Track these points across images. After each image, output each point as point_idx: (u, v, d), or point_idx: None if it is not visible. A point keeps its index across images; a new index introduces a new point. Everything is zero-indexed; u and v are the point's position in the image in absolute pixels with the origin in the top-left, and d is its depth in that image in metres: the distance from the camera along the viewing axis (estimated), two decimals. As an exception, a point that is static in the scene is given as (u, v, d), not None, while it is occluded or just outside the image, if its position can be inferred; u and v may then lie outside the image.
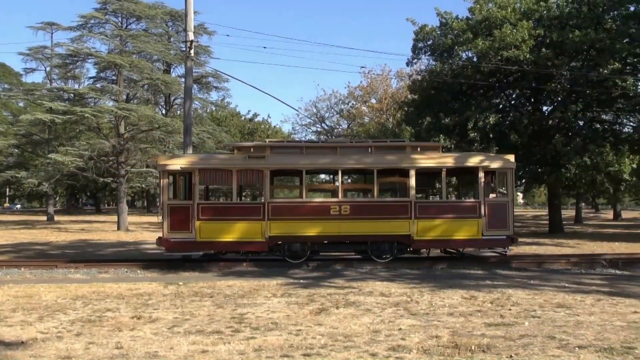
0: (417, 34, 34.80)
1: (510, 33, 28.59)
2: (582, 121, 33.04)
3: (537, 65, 28.70)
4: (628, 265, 17.18)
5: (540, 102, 33.51)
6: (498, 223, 17.70)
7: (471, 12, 32.75)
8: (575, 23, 30.12)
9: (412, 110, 34.60)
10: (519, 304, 10.72)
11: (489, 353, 7.23)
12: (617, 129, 34.20)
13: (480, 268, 16.57)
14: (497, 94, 34.48)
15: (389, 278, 14.53)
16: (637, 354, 7.17)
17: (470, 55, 32.37)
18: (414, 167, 17.56)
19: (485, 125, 29.68)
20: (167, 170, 17.27)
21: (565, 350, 7.35)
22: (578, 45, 28.73)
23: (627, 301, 11.05)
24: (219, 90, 49.60)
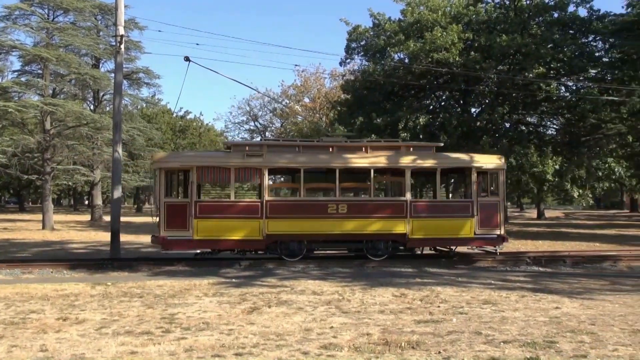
0: (351, 35, 35.10)
1: (441, 36, 29.18)
2: (509, 123, 34.06)
3: (466, 67, 29.38)
4: (550, 262, 17.81)
5: (468, 104, 34.32)
6: (489, 222, 18.09)
7: (403, 14, 33.24)
8: (502, 28, 31.01)
9: (345, 110, 34.88)
10: (447, 301, 10.96)
11: (419, 349, 7.37)
12: (541, 131, 35.44)
13: (411, 266, 16.85)
14: (428, 95, 35.14)
15: (321, 277, 14.61)
16: (559, 347, 7.45)
17: (402, 56, 32.86)
18: (409, 167, 17.88)
19: (416, 125, 30.19)
20: (164, 167, 17.11)
21: (491, 346, 7.57)
22: (505, 49, 29.57)
23: (549, 297, 11.46)
24: (150, 87, 48.62)
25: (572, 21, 32.40)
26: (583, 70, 31.50)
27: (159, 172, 17.08)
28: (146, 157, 47.93)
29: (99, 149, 39.19)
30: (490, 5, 32.90)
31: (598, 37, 33.16)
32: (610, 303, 10.88)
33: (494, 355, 7.10)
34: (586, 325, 8.79)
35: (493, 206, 18.26)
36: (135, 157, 48.88)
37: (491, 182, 18.71)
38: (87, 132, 37.66)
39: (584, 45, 32.32)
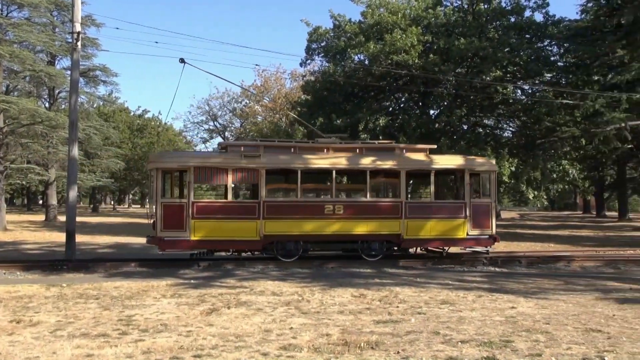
0: (311, 35, 35.16)
1: (400, 38, 29.44)
2: (466, 125, 34.54)
3: (425, 70, 29.70)
4: (506, 263, 18.10)
5: (427, 106, 34.71)
6: (482, 223, 18.40)
7: (363, 16, 33.44)
8: (460, 31, 31.43)
9: (305, 110, 34.89)
10: (406, 301, 11.04)
11: (378, 350, 7.41)
12: (498, 134, 36.04)
13: (370, 267, 16.93)
14: (387, 97, 35.43)
15: (281, 277, 14.58)
16: (514, 347, 7.58)
17: (362, 58, 33.06)
18: (404, 168, 18.06)
19: (376, 127, 30.41)
20: (161, 168, 17.00)
21: (448, 345, 7.65)
22: (463, 52, 29.98)
23: (505, 297, 11.64)
24: (107, 85, 47.94)
25: (529, 26, 33.07)
26: (538, 74, 32.14)
27: (155, 172, 16.88)
28: (103, 156, 47.19)
29: (54, 147, 38.37)
30: (449, 9, 33.32)
31: (553, 42, 33.91)
32: (564, 302, 11.11)
33: (452, 354, 7.18)
34: (541, 325, 8.96)
35: (485, 207, 18.60)
36: (92, 156, 48.01)
37: (483, 184, 19.03)
38: (42, 131, 36.83)
39: (540, 49, 32.98)
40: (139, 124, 72.85)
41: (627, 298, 11.73)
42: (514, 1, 33.45)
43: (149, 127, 72.86)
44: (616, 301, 11.31)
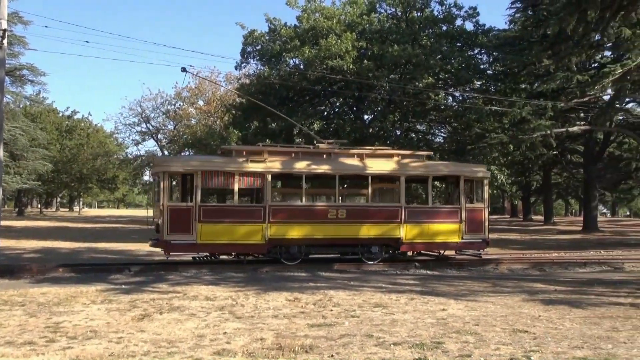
0: (247, 39, 35.02)
1: (335, 43, 29.66)
2: (399, 130, 35.07)
3: (360, 75, 30.01)
4: (437, 266, 18.42)
5: (361, 111, 35.09)
6: (475, 227, 18.96)
7: (299, 21, 33.54)
8: (394, 38, 31.92)
9: (240, 114, 34.71)
10: (339, 304, 11.10)
11: (312, 353, 7.42)
12: (430, 139, 36.75)
13: (304, 270, 16.94)
14: (322, 102, 35.63)
15: (214, 282, 14.43)
16: (445, 348, 7.73)
17: (297, 62, 33.14)
18: (404, 174, 18.49)
19: (311, 131, 30.49)
20: (168, 171, 16.94)
21: (382, 348, 7.73)
22: (397, 59, 30.45)
23: (436, 299, 11.85)
24: (35, 84, 46.34)
25: (460, 34, 33.91)
26: (469, 81, 32.97)
27: (162, 175, 16.82)
28: (29, 157, 45.64)
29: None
30: (383, 16, 33.78)
31: (483, 50, 34.88)
32: (492, 304, 11.39)
33: (385, 357, 7.26)
34: (471, 326, 9.16)
35: (478, 212, 19.21)
36: (18, 157, 46.36)
37: (476, 190, 19.59)
38: (-36, 131, 35.33)
39: (470, 57, 33.84)
40: (68, 125, 70.86)
41: (552, 299, 12.13)
42: (446, 10, 34.24)
43: (78, 129, 70.96)
44: (542, 302, 11.67)
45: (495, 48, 33.47)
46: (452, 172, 19.44)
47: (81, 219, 60.20)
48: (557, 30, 22.52)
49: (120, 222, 50.22)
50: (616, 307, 11.10)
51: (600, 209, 78.73)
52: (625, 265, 19.69)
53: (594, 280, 15.56)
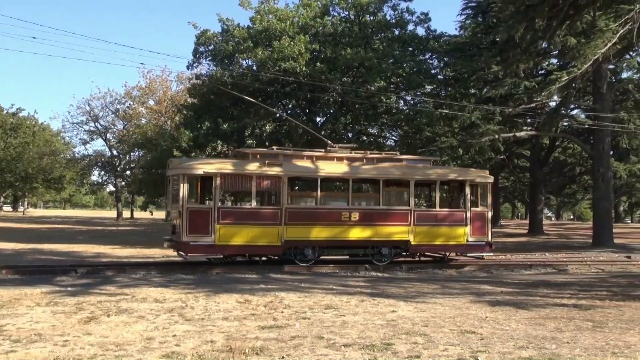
0: (199, 38, 34.70)
1: (289, 45, 29.66)
2: (351, 133, 35.27)
3: (312, 78, 30.08)
4: (388, 268, 18.61)
5: (314, 113, 35.16)
6: (479, 230, 19.72)
7: (252, 22, 33.40)
8: (347, 41, 32.10)
9: (192, 114, 34.38)
10: (290, 306, 11.10)
11: (262, 355, 7.41)
12: (382, 142, 37.07)
13: (255, 272, 16.90)
14: (275, 103, 35.55)
15: (164, 284, 14.26)
16: (395, 349, 7.81)
17: (250, 63, 33.01)
18: (413, 178, 19.15)
19: (262, 132, 30.45)
20: (187, 174, 17.33)
21: (332, 349, 7.77)
22: (349, 62, 30.62)
23: (386, 301, 11.97)
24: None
25: (412, 39, 34.29)
26: (420, 85, 33.37)
27: (182, 178, 17.17)
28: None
29: None
30: (336, 19, 33.91)
31: (434, 55, 35.36)
32: (441, 306, 11.57)
33: (335, 358, 7.29)
34: (420, 327, 9.28)
35: (482, 216, 19.97)
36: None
37: (480, 194, 20.22)
38: None
39: (422, 62, 34.26)
40: (13, 123, 68.91)
41: (498, 301, 12.38)
42: (398, 15, 34.57)
43: (23, 127, 69.08)
44: (489, 304, 11.91)
45: (446, 53, 33.97)
46: (458, 177, 20.17)
47: (26, 219, 58.69)
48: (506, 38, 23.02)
49: (67, 223, 49.17)
50: (560, 308, 11.41)
51: (546, 213, 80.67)
52: (569, 268, 20.26)
53: (539, 282, 15.95)
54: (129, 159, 64.41)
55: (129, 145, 59.82)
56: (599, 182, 30.08)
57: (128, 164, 64.15)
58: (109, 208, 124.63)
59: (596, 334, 9.00)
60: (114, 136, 63.99)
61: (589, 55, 17.09)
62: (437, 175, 19.79)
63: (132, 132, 59.50)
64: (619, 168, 36.07)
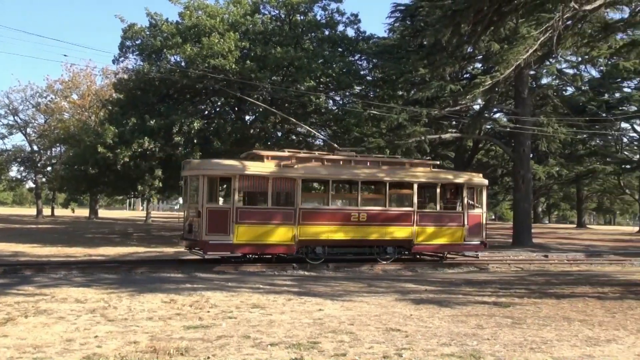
0: (126, 32, 33.84)
1: (218, 42, 29.31)
2: (281, 132, 35.22)
3: (242, 75, 29.85)
4: (315, 267, 18.69)
5: (243, 112, 34.90)
6: (475, 231, 21.14)
7: (181, 17, 32.86)
8: (277, 40, 32.02)
9: (117, 109, 33.52)
10: (217, 305, 11.01)
11: (188, 355, 7.32)
12: (311, 141, 37.16)
13: (181, 272, 16.68)
14: (204, 100, 35.11)
15: (85, 283, 13.88)
16: (321, 347, 7.86)
17: (178, 59, 32.46)
18: (417, 181, 20.40)
19: (190, 130, 29.98)
20: (208, 175, 18.03)
21: (258, 349, 7.75)
22: (279, 61, 30.55)
23: (313, 300, 12.03)
24: None
25: (341, 40, 34.50)
26: (349, 86, 33.62)
27: (203, 178, 17.83)
28: None
29: None
30: (266, 17, 33.75)
31: (363, 56, 35.69)
32: (367, 304, 11.72)
33: (261, 357, 7.28)
34: (346, 326, 9.37)
35: (477, 217, 21.37)
36: None
37: (476, 197, 21.61)
38: None
39: (351, 63, 34.51)
40: None
41: (422, 299, 12.64)
42: (329, 15, 34.71)
43: None
44: (413, 302, 12.15)
45: (375, 55, 34.35)
46: (457, 180, 21.36)
47: (-62, 216, 55.99)
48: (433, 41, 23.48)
49: (-18, 221, 47.16)
50: (481, 306, 11.75)
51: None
52: (489, 266, 20.90)
53: (462, 281, 16.39)
54: (50, 154, 62.26)
55: (51, 141, 57.83)
56: (519, 184, 31.16)
57: (49, 159, 62.00)
58: (29, 205, 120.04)
59: (515, 330, 9.31)
60: (35, 131, 61.67)
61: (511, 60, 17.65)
62: (438, 178, 21.07)
63: (54, 127, 57.50)
64: (538, 170, 37.42)
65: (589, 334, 9.19)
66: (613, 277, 18.01)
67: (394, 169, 20.60)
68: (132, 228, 43.25)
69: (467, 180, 21.42)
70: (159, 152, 29.38)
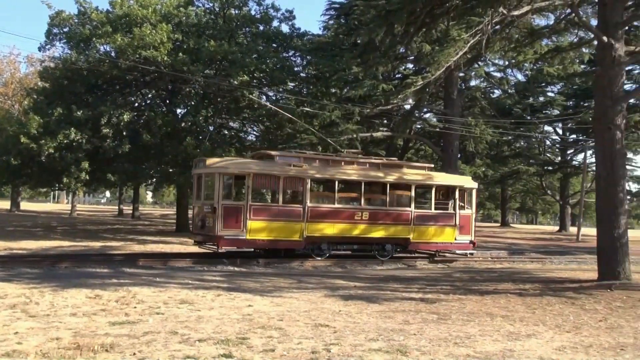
0: (53, 19, 32.73)
1: (150, 33, 28.72)
2: (212, 126, 34.84)
3: (174, 68, 29.37)
4: (245, 263, 18.65)
5: (174, 105, 34.33)
6: (465, 230, 22.66)
7: (112, 6, 32.04)
8: (211, 33, 31.64)
9: (42, 99, 32.39)
10: (144, 301, 10.83)
11: (113, 352, 7.17)
12: (243, 137, 36.95)
13: (107, 267, 16.31)
14: (134, 92, 34.34)
15: (5, 278, 13.38)
16: (250, 343, 7.84)
17: (108, 49, 31.64)
18: (415, 182, 21.84)
19: (120, 122, 29.31)
20: (223, 173, 19.07)
21: (186, 345, 7.66)
22: (212, 54, 30.20)
23: (242, 296, 11.99)
24: None
25: (276, 36, 34.40)
26: (283, 82, 33.54)
27: (218, 176, 18.90)
28: None
29: None
30: (200, 10, 33.32)
31: (297, 53, 35.69)
32: (296, 300, 11.76)
33: (189, 354, 7.20)
34: (275, 321, 9.38)
35: (467, 217, 22.94)
36: None
37: (467, 198, 23.18)
38: None
39: (285, 59, 34.46)
40: None
41: (351, 295, 12.78)
42: (263, 11, 34.57)
43: None
44: (342, 298, 12.27)
45: (309, 52, 34.38)
46: (451, 183, 22.99)
47: None
48: (367, 40, 23.68)
49: None
50: (408, 302, 11.98)
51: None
52: (417, 264, 21.34)
53: (390, 277, 16.66)
54: (-32, 143, 59.55)
55: (-32, 129, 55.41)
56: (447, 183, 31.80)
57: (-33, 149, 59.30)
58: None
59: (440, 326, 9.53)
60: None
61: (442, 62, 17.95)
62: (434, 180, 22.55)
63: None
64: (465, 170, 38.33)
65: (510, 329, 9.50)
66: (534, 275, 18.67)
67: (394, 171, 21.97)
68: (56, 221, 41.98)
69: (459, 183, 23.12)
70: (85, 144, 28.53)
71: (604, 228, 16.01)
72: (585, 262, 23.83)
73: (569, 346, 8.48)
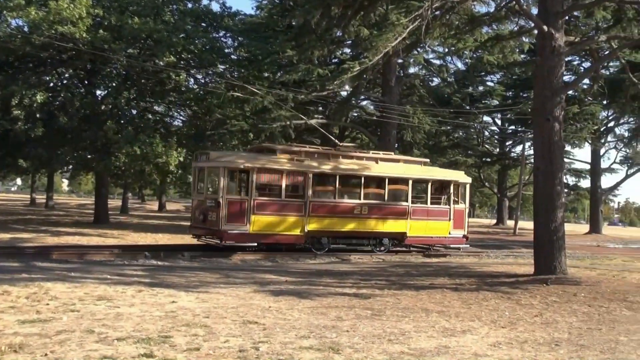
0: (-43, -11, 31.35)
1: (68, 7, 27.84)
2: (135, 110, 34.17)
3: (94, 46, 28.60)
4: (169, 256, 18.43)
5: (94, 86, 33.50)
6: (458, 225, 23.97)
7: (24, -24, 30.90)
8: (135, 10, 30.91)
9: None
10: (57, 298, 10.56)
11: (22, 352, 6.97)
12: (168, 121, 36.40)
13: (17, 260, 15.82)
14: (49, 71, 33.28)
15: None
16: (173, 342, 7.75)
17: (20, 23, 30.54)
18: (412, 177, 23.05)
19: (32, 103, 28.37)
20: (228, 167, 19.81)
21: (103, 344, 7.51)
22: (136, 32, 29.53)
23: (166, 291, 11.84)
24: None
25: (205, 14, 33.96)
26: (212, 64, 33.18)
27: (223, 170, 19.52)
28: None
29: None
30: (123, -17, 32.55)
31: (228, 34, 35.36)
32: (224, 296, 11.70)
33: (107, 354, 7.07)
34: (201, 319, 9.31)
35: (461, 212, 24.29)
36: None
37: (460, 193, 24.50)
38: None
39: (215, 40, 34.10)
40: None
41: (282, 290, 12.81)
42: (192, -14, 34.07)
43: None
44: (272, 293, 12.28)
45: (241, 33, 34.10)
46: (446, 178, 24.26)
47: None
48: (302, 22, 23.75)
49: None
50: (342, 297, 12.09)
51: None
52: (351, 257, 21.52)
53: (323, 272, 16.77)
54: None
55: None
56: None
57: None
58: None
59: (374, 322, 9.67)
60: None
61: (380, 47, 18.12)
62: (430, 175, 23.76)
63: None
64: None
65: (445, 325, 9.73)
66: (470, 269, 19.14)
67: (391, 166, 22.99)
68: (-40, 211, 40.40)
69: (454, 178, 24.41)
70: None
71: (541, 221, 16.54)
72: (522, 255, 24.58)
73: (504, 342, 8.75)
